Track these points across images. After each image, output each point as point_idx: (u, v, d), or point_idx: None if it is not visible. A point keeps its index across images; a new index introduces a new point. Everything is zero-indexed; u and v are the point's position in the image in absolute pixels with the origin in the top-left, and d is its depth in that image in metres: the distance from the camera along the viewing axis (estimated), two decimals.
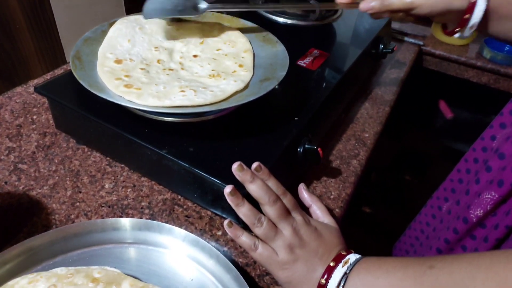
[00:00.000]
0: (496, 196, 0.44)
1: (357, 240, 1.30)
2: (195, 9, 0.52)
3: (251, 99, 0.44)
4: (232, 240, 0.46)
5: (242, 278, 0.39)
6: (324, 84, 0.60)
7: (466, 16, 0.47)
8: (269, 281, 0.43)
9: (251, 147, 0.46)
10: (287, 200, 0.42)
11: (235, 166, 0.41)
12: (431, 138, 1.36)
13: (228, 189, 0.40)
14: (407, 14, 0.51)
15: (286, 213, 0.41)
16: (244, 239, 0.41)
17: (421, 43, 0.96)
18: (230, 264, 0.40)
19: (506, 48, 0.93)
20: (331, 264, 0.38)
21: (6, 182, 0.49)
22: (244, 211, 0.40)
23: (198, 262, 0.42)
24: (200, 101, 0.43)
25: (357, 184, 0.57)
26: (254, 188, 0.40)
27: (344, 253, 0.39)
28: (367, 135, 0.65)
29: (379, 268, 0.36)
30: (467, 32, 0.49)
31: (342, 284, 0.36)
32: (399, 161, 1.46)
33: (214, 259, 0.41)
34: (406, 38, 0.97)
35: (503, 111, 0.52)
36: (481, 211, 0.46)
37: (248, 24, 0.61)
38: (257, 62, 0.53)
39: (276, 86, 0.47)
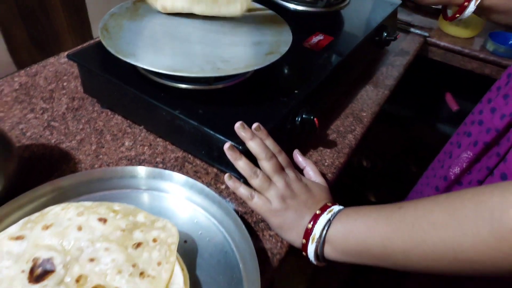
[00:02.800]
0: (471, 154, 0.48)
1: None
2: None
3: (256, 67, 0.50)
4: (233, 193, 0.52)
5: (240, 220, 0.45)
6: (325, 65, 0.65)
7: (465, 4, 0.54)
8: (263, 227, 0.49)
9: (254, 113, 0.52)
10: (282, 158, 0.48)
11: (237, 125, 0.47)
12: (438, 130, 1.39)
13: (227, 145, 0.46)
14: None
15: (280, 168, 0.47)
16: (242, 190, 0.47)
17: (426, 34, 0.99)
18: (230, 208, 0.46)
19: (510, 42, 0.96)
20: (317, 212, 0.44)
21: (40, 136, 0.56)
22: (241, 164, 0.47)
23: (203, 207, 0.49)
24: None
25: (350, 156, 0.62)
26: (252, 145, 0.46)
27: (329, 204, 0.45)
28: (364, 113, 0.70)
29: (357, 213, 0.42)
30: (472, 6, 0.55)
31: (326, 228, 0.42)
32: (406, 151, 1.49)
33: (216, 204, 0.48)
34: (412, 29, 1.01)
35: (492, 87, 0.56)
36: (458, 169, 0.50)
37: (258, 6, 0.66)
38: (263, 39, 0.59)
39: (282, 66, 0.53)
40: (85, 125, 0.59)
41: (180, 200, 0.49)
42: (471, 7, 0.54)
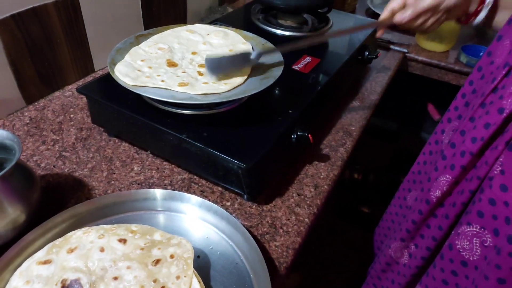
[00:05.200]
0: (450, 178, 0.51)
1: (355, 237, 1.38)
2: (246, 60, 0.61)
3: (253, 92, 0.55)
4: (238, 209, 0.56)
5: (248, 233, 0.49)
6: (314, 84, 0.71)
7: (479, 8, 0.57)
8: (268, 239, 0.53)
9: (253, 133, 0.57)
10: None
11: None
12: (423, 139, 1.46)
13: None
14: (435, 12, 0.59)
15: None
16: None
17: (405, 50, 1.07)
18: (238, 222, 0.50)
19: (481, 54, 1.03)
20: None
21: (54, 166, 0.60)
22: None
23: (212, 223, 0.53)
24: (224, 88, 0.55)
25: (343, 168, 0.67)
26: None
27: None
28: (353, 128, 0.75)
29: None
30: (484, 11, 0.57)
31: None
32: (395, 163, 1.55)
33: (225, 220, 0.52)
34: (392, 47, 1.08)
35: (449, 107, 0.60)
36: (439, 192, 0.52)
37: (250, 34, 0.72)
38: (257, 65, 0.64)
39: (276, 90, 0.58)
40: (95, 153, 0.63)
41: (191, 218, 0.53)
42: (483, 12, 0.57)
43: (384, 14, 0.64)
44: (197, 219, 0.53)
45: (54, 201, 0.54)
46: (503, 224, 0.44)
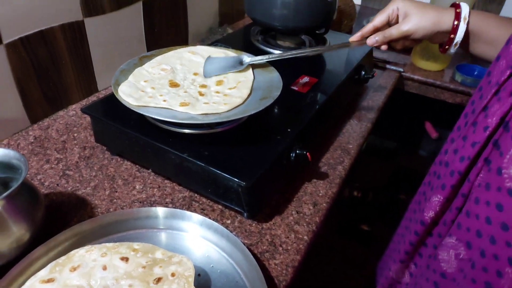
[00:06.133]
0: (441, 198, 0.50)
1: (355, 254, 1.38)
2: (241, 63, 0.69)
3: (252, 112, 0.56)
4: (238, 227, 0.57)
5: (248, 251, 0.50)
6: (312, 104, 0.73)
7: (452, 36, 0.59)
8: (268, 257, 0.53)
9: (253, 151, 0.59)
10: None
11: None
12: (421, 157, 1.47)
13: None
14: (406, 40, 0.64)
15: None
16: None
17: (401, 69, 1.09)
18: (238, 241, 0.51)
19: (475, 73, 1.06)
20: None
21: (57, 184, 0.61)
22: None
23: (212, 241, 0.53)
24: (224, 108, 0.58)
25: (341, 186, 0.68)
26: None
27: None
28: (351, 146, 0.77)
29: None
30: (452, 49, 0.61)
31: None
32: (394, 181, 1.56)
33: (225, 238, 0.52)
34: (388, 66, 1.11)
35: (454, 127, 0.61)
36: (432, 212, 0.52)
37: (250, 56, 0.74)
38: (256, 85, 0.66)
39: (275, 108, 0.60)
40: (98, 172, 0.64)
41: (192, 236, 0.54)
42: (460, 35, 0.59)
43: (355, 37, 0.68)
44: (198, 237, 0.54)
45: (58, 219, 0.55)
46: (475, 237, 0.44)
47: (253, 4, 0.88)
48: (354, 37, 0.68)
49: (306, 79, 0.80)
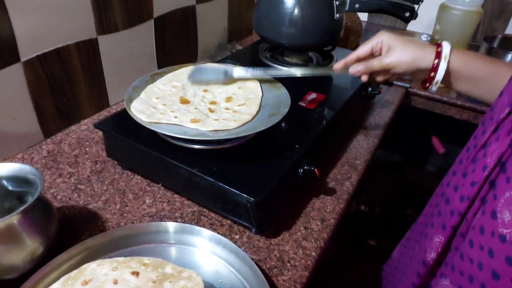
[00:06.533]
0: (443, 239, 0.48)
1: (362, 270, 1.37)
2: (226, 75, 0.70)
3: (261, 129, 0.58)
4: (247, 242, 0.58)
5: (256, 267, 0.50)
6: (320, 120, 0.74)
7: (432, 74, 0.59)
8: (276, 273, 0.54)
9: (261, 167, 0.59)
10: None
11: None
12: (428, 172, 1.47)
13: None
14: (387, 73, 0.65)
15: None
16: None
17: (407, 85, 1.10)
18: (247, 256, 0.51)
19: None
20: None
21: (69, 198, 0.62)
22: None
23: (221, 256, 0.54)
24: (233, 125, 0.59)
25: (349, 202, 0.68)
26: None
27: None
28: (358, 161, 0.77)
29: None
30: (434, 87, 0.61)
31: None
32: (401, 195, 1.56)
33: (234, 253, 0.53)
34: (394, 82, 1.12)
35: (456, 160, 0.56)
36: (435, 253, 0.50)
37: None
38: (265, 102, 0.67)
39: (282, 124, 0.61)
40: (109, 186, 0.65)
41: (201, 252, 0.55)
42: (440, 73, 0.58)
43: (338, 64, 0.69)
44: (207, 253, 0.54)
45: (70, 233, 0.56)
46: (467, 283, 0.43)
47: (261, 22, 0.90)
48: (338, 65, 0.69)
49: (313, 95, 0.81)
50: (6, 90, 0.65)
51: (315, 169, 0.62)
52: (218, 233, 0.58)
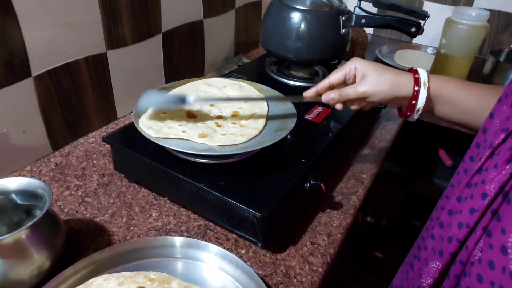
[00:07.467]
0: (440, 265, 0.47)
1: (367, 282, 1.35)
2: (183, 102, 0.62)
3: (268, 144, 0.58)
4: (253, 257, 0.57)
5: (262, 282, 0.50)
6: (326, 134, 0.74)
7: (413, 102, 0.57)
8: None
9: (267, 182, 0.59)
10: None
11: None
12: (435, 184, 1.46)
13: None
14: (362, 102, 0.63)
15: None
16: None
17: None
18: (253, 272, 0.51)
19: None
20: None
21: (77, 211, 0.63)
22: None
23: (228, 272, 0.54)
24: (240, 140, 0.59)
25: (355, 216, 0.68)
26: None
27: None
28: (365, 175, 0.77)
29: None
30: (415, 115, 0.59)
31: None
32: (408, 207, 1.54)
33: (240, 269, 0.53)
34: None
35: (453, 182, 0.55)
36: (431, 279, 0.48)
37: (264, 87, 0.76)
38: (271, 116, 0.67)
39: (288, 136, 0.61)
40: (116, 199, 0.66)
41: (207, 267, 0.54)
42: (421, 101, 0.56)
43: (309, 92, 0.65)
44: (213, 268, 0.54)
45: (76, 247, 0.56)
46: None
47: (268, 37, 0.91)
48: (308, 92, 0.65)
49: (319, 109, 0.81)
50: (17, 104, 0.66)
51: (321, 184, 0.62)
52: (224, 247, 0.58)
